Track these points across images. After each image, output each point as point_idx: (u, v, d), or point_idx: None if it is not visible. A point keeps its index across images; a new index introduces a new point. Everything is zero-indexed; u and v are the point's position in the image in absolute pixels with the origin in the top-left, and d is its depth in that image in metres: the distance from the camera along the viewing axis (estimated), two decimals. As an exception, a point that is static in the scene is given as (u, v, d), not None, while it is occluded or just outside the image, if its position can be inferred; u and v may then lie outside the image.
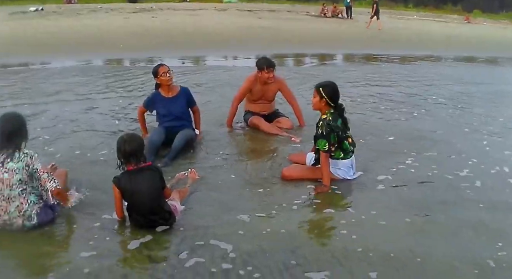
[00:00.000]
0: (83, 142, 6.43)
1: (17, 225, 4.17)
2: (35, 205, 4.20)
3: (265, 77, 6.78)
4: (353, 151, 5.25)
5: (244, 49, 17.03)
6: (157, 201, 4.10)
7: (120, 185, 4.04)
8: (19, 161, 4.12)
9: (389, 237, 4.15)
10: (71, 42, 16.37)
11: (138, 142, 4.10)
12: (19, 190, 4.14)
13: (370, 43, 19.59)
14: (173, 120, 6.21)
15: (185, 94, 6.40)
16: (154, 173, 4.12)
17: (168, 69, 6.22)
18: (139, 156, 4.07)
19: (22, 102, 8.64)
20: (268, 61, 6.83)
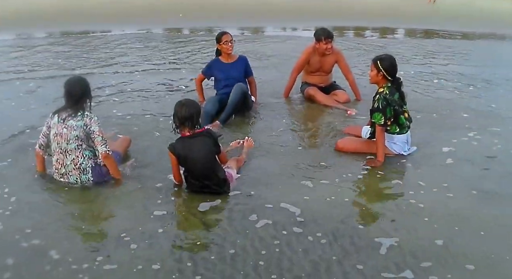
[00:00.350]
0: (142, 108, 6.65)
1: (74, 177, 4.45)
2: (89, 159, 4.46)
3: (323, 48, 6.75)
4: (409, 126, 5.18)
5: (303, 21, 16.84)
6: (210, 166, 4.21)
7: (175, 151, 4.17)
8: (79, 120, 4.39)
9: (445, 207, 4.16)
10: (131, 12, 16.59)
11: (195, 107, 4.16)
12: (75, 144, 4.41)
13: (430, 19, 18.97)
14: (229, 86, 6.30)
15: (243, 62, 6.58)
16: (208, 139, 4.21)
17: (231, 39, 6.40)
18: (194, 122, 4.13)
19: (85, 68, 8.94)
20: (327, 32, 6.78)
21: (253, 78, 6.78)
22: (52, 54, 10.42)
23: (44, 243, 3.58)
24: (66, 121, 4.39)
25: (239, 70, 6.52)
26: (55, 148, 4.46)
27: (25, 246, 3.54)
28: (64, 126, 4.39)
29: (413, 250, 3.55)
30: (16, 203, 4.15)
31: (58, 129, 4.40)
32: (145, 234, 3.70)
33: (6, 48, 11.04)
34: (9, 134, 5.60)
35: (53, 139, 4.45)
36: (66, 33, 13.47)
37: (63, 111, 4.45)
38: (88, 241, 3.64)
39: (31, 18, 14.87)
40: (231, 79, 6.36)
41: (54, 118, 4.46)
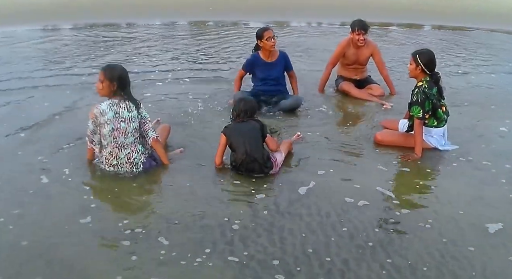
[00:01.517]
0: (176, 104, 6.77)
1: (125, 170, 4.56)
2: (142, 154, 4.58)
3: (355, 39, 6.89)
4: (447, 119, 5.28)
5: (328, 16, 16.82)
6: (256, 140, 4.56)
7: (227, 131, 4.58)
8: (133, 110, 4.47)
9: (477, 207, 4.25)
10: (157, 4, 16.66)
11: (252, 105, 4.80)
12: (133, 138, 4.51)
13: (459, 16, 18.86)
14: (269, 85, 6.37)
15: (284, 59, 6.46)
16: (255, 122, 4.64)
17: (273, 35, 6.17)
18: (248, 114, 4.67)
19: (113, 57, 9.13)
20: (360, 23, 6.90)
21: (293, 72, 6.66)
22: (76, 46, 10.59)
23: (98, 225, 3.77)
24: (122, 114, 4.42)
25: (279, 69, 6.40)
26: (110, 142, 4.47)
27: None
28: (121, 120, 4.41)
29: (453, 238, 3.67)
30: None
31: (115, 125, 4.40)
32: (195, 216, 3.88)
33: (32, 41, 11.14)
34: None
35: (109, 134, 4.43)
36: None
37: (114, 104, 4.43)
38: (140, 222, 3.80)
39: (54, 10, 14.97)
40: (270, 80, 6.35)
41: (107, 114, 4.39)
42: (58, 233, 3.60)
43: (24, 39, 10.96)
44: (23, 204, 3.99)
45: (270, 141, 4.72)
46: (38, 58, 9.12)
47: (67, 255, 3.36)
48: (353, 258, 3.40)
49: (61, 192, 4.22)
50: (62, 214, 3.86)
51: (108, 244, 3.52)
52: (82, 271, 3.20)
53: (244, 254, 3.41)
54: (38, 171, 4.57)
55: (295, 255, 3.41)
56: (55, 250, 3.41)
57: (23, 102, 6.52)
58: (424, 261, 3.39)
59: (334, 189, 4.38)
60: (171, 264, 3.29)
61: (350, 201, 4.17)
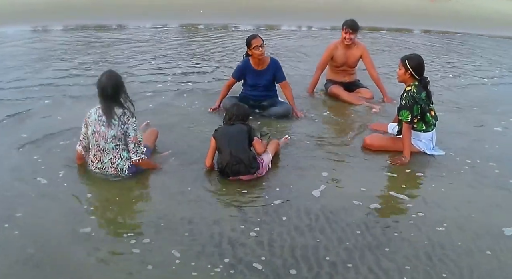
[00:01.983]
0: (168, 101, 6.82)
1: (110, 173, 4.52)
2: (127, 160, 4.51)
3: (342, 37, 6.96)
4: (435, 124, 5.32)
5: (318, 20, 16.87)
6: (243, 143, 4.58)
7: (215, 135, 4.63)
8: (116, 118, 4.40)
9: (464, 208, 4.30)
10: (147, 5, 16.63)
11: (245, 110, 4.89)
12: (113, 144, 4.45)
13: (447, 20, 19.00)
14: (258, 91, 6.34)
15: (274, 68, 6.29)
16: (243, 126, 4.68)
17: (262, 43, 6.03)
18: (239, 118, 4.74)
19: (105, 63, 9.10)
20: (350, 22, 6.95)
21: (286, 83, 6.38)
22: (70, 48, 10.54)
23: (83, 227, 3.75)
24: (103, 118, 4.40)
25: (268, 78, 6.28)
26: (93, 144, 4.48)
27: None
28: (102, 124, 4.40)
29: (441, 242, 3.70)
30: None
31: (96, 127, 4.41)
32: (184, 219, 3.87)
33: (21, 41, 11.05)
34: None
35: (91, 136, 4.45)
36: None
37: (101, 109, 4.44)
38: (128, 226, 3.79)
39: (47, 10, 14.89)
40: (260, 87, 6.31)
41: (91, 116, 4.45)
42: (52, 241, 3.58)
43: (15, 40, 10.89)
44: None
45: (257, 144, 4.71)
46: (30, 60, 9.04)
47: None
48: (341, 261, 3.42)
49: (52, 195, 4.19)
50: (52, 219, 3.84)
51: (98, 245, 3.49)
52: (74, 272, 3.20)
53: (233, 257, 3.41)
54: (30, 173, 4.55)
55: (283, 258, 3.41)
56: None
57: (20, 105, 6.43)
58: (412, 264, 3.41)
59: (322, 192, 4.39)
60: (160, 265, 3.29)
61: (338, 204, 4.18)
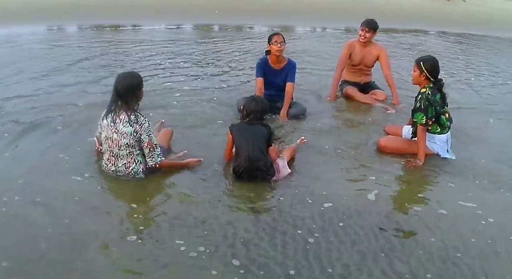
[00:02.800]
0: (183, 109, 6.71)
1: (124, 175, 4.50)
2: (141, 163, 4.50)
3: (359, 34, 6.98)
4: (450, 126, 5.29)
5: (333, 20, 16.84)
6: (260, 148, 4.47)
7: (233, 130, 4.56)
8: (129, 125, 4.31)
9: (479, 211, 4.28)
10: (163, 6, 16.63)
11: (263, 105, 4.64)
12: (127, 151, 4.41)
13: (464, 22, 18.90)
14: (273, 90, 6.33)
15: (289, 67, 6.31)
16: (264, 128, 4.53)
17: (282, 40, 6.06)
18: (258, 116, 4.58)
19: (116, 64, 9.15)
20: (368, 20, 6.97)
21: (292, 85, 6.31)
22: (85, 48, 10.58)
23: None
24: (117, 125, 4.32)
25: (283, 79, 6.29)
26: (106, 149, 4.47)
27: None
28: (114, 131, 4.34)
29: (456, 245, 3.69)
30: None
31: (108, 133, 4.37)
32: (198, 219, 3.89)
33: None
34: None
35: (104, 141, 4.44)
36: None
37: (113, 112, 4.35)
38: (140, 226, 3.80)
39: (60, 10, 14.95)
40: (274, 86, 6.31)
41: (104, 120, 4.40)
42: (64, 240, 3.62)
43: (29, 40, 10.94)
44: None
45: (273, 151, 4.63)
46: (45, 60, 9.07)
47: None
48: (354, 263, 3.42)
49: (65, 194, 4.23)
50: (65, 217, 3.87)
51: (110, 245, 3.52)
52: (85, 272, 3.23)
53: (246, 258, 3.42)
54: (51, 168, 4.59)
55: (296, 260, 3.42)
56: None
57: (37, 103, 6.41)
58: (425, 267, 3.41)
59: (336, 194, 4.39)
60: (173, 266, 3.31)
61: (352, 207, 4.18)
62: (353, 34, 7.13)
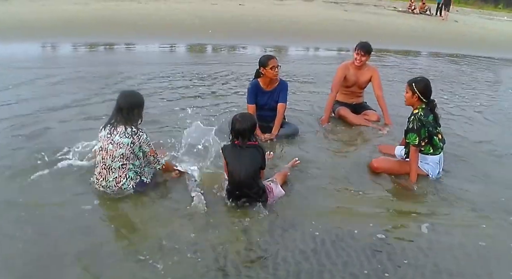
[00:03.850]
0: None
1: (113, 191, 4.48)
2: (131, 180, 4.49)
3: (354, 58, 6.97)
4: (443, 147, 5.29)
5: (327, 41, 16.98)
6: (253, 176, 4.36)
7: (224, 153, 4.43)
8: (126, 137, 4.36)
9: (472, 234, 4.26)
10: (158, 26, 16.73)
11: (250, 122, 4.40)
12: (120, 163, 4.41)
13: (456, 42, 19.12)
14: (267, 111, 6.29)
15: (282, 88, 6.27)
16: (257, 152, 4.39)
17: (278, 64, 6.03)
18: (247, 136, 4.37)
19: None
20: (362, 44, 6.95)
21: (284, 105, 6.28)
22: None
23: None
24: (113, 136, 4.39)
25: (276, 99, 6.24)
26: (99, 161, 4.47)
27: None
28: (110, 141, 4.38)
29: (449, 268, 3.66)
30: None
31: (104, 144, 4.40)
32: (189, 240, 3.84)
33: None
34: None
35: (98, 153, 4.46)
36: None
37: (111, 125, 4.43)
38: (129, 248, 3.76)
39: (54, 27, 14.99)
40: (268, 107, 6.27)
41: (102, 131, 4.46)
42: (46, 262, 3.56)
43: (22, 60, 10.92)
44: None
45: (262, 174, 4.58)
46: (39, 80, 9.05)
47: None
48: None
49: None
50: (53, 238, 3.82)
51: (94, 269, 3.47)
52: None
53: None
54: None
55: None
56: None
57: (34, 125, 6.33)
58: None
59: (328, 216, 4.36)
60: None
61: (344, 229, 4.14)
62: (347, 55, 7.12)
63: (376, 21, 22.72)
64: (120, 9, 19.84)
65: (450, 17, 28.13)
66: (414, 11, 31.53)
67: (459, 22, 27.41)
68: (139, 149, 4.43)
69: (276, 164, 5.38)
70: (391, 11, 31.14)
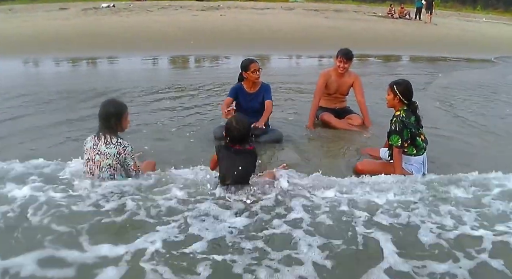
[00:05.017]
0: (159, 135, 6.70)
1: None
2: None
3: (336, 65, 7.03)
4: (426, 148, 5.34)
5: (309, 49, 17.09)
6: (244, 178, 4.46)
7: (218, 154, 4.48)
8: (111, 147, 4.37)
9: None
10: (140, 38, 16.76)
11: (245, 128, 4.46)
12: (108, 174, 4.43)
13: (437, 45, 19.34)
14: (250, 115, 6.11)
15: (266, 90, 6.44)
16: (251, 157, 4.47)
17: (259, 68, 6.25)
18: (243, 140, 4.44)
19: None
20: (344, 51, 7.02)
21: (270, 102, 6.40)
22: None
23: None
24: (99, 147, 4.38)
25: (260, 100, 6.41)
26: (87, 172, 4.47)
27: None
28: (97, 152, 4.38)
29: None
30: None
31: (91, 155, 4.40)
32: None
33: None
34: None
35: (85, 164, 4.46)
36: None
37: (96, 135, 4.44)
38: (124, 246, 3.70)
39: (40, 43, 14.97)
40: (252, 110, 6.34)
41: (87, 144, 4.46)
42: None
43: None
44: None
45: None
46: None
47: None
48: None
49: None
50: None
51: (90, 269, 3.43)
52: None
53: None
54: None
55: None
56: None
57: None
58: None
59: (316, 220, 4.30)
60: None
61: (335, 228, 4.13)
62: (329, 61, 7.17)
63: (357, 27, 22.93)
64: (102, 23, 19.89)
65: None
66: (394, 15, 31.89)
67: (438, 25, 27.74)
68: (124, 160, 4.44)
69: (264, 168, 5.35)
70: (371, 16, 31.44)
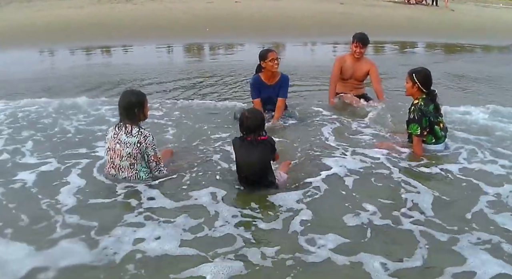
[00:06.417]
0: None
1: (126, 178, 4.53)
2: (142, 181, 4.51)
3: (352, 50, 7.03)
4: (445, 135, 5.30)
5: (323, 35, 16.94)
6: (263, 171, 4.39)
7: (234, 147, 4.46)
8: (132, 136, 4.38)
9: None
10: (153, 26, 16.70)
11: (258, 119, 4.38)
12: (128, 163, 4.44)
13: (453, 32, 19.09)
14: (272, 105, 6.38)
15: (283, 83, 6.36)
16: (266, 147, 4.37)
17: (277, 57, 6.13)
18: (258, 131, 4.35)
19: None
20: (360, 36, 6.99)
21: (284, 100, 6.42)
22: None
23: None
24: (120, 136, 4.41)
25: (277, 93, 6.34)
26: (108, 161, 4.51)
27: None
28: (117, 141, 4.40)
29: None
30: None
31: (111, 144, 4.43)
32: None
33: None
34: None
35: (106, 153, 4.50)
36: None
37: (117, 125, 4.47)
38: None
39: (50, 32, 14.98)
40: (272, 100, 6.35)
41: (108, 134, 4.51)
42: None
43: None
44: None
45: (277, 156, 4.58)
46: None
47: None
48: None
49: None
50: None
51: (102, 263, 3.43)
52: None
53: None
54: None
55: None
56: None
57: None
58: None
59: (332, 211, 4.27)
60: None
61: (348, 223, 4.06)
62: (344, 48, 7.11)
63: (373, 13, 22.68)
64: (116, 11, 19.86)
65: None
66: (411, 1, 31.49)
67: (455, 10, 27.40)
68: (145, 150, 4.44)
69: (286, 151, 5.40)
70: (387, 2, 31.03)
